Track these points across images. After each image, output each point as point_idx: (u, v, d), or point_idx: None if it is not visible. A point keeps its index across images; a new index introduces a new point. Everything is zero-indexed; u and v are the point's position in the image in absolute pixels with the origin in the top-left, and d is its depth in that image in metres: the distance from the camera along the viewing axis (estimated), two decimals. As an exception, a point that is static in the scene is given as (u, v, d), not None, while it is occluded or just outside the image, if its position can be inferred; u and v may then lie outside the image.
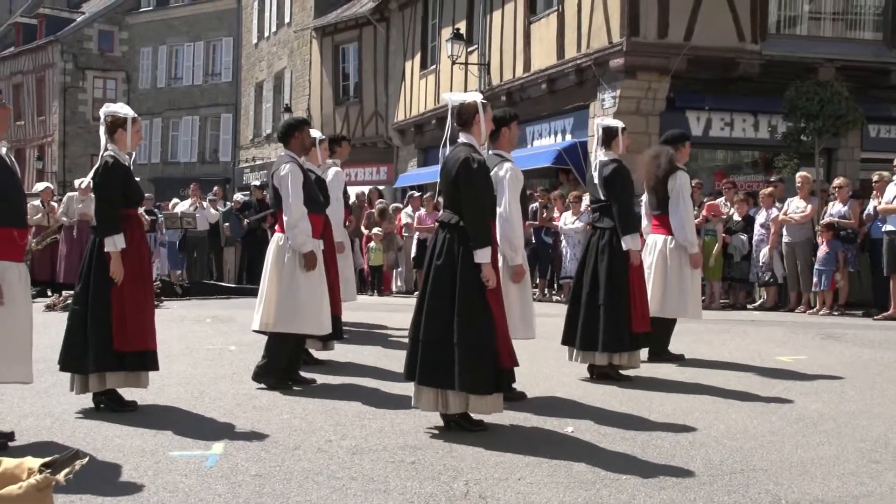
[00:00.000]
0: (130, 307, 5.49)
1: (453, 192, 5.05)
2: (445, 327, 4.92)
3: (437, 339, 4.94)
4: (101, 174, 5.52)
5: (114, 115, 5.64)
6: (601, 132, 6.88)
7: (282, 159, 6.38)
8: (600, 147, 6.85)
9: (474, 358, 4.88)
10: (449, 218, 5.08)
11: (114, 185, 5.51)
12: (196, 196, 16.68)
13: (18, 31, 41.95)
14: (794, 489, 4.16)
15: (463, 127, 5.19)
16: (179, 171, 35.83)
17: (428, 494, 4.01)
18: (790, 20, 15.38)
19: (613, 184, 6.63)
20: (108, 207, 5.52)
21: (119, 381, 5.55)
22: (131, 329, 5.48)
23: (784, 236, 12.00)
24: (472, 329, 4.89)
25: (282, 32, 29.82)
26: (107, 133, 5.63)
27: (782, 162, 14.78)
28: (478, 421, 5.15)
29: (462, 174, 5.00)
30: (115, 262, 5.44)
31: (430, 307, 5.00)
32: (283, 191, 6.19)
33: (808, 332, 9.54)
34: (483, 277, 4.91)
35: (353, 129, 25.62)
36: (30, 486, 2.62)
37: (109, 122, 5.65)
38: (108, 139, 5.62)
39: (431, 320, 4.98)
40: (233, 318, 10.24)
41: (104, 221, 5.53)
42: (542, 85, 16.57)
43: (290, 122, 6.65)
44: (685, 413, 5.67)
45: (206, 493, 4.00)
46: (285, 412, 5.60)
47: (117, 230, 5.47)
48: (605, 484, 4.18)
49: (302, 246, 6.16)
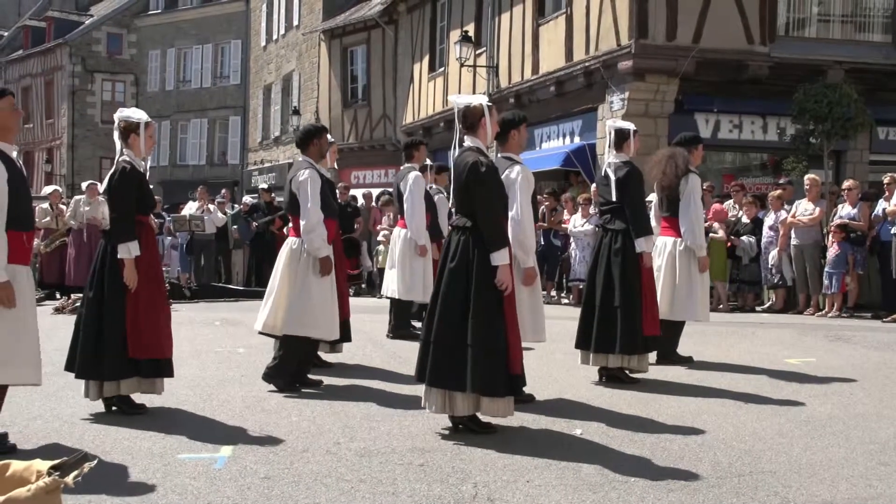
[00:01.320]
0: (144, 314, 5.49)
1: (465, 196, 5.06)
2: (458, 329, 4.92)
3: (449, 341, 4.94)
4: (118, 180, 5.51)
5: (126, 121, 5.63)
6: (613, 134, 6.85)
7: (300, 165, 6.45)
8: (612, 149, 6.83)
9: (488, 360, 4.88)
10: (463, 222, 5.08)
11: (129, 192, 5.51)
12: (203, 199, 16.71)
13: (27, 35, 42.13)
14: (803, 492, 4.15)
15: (469, 129, 5.20)
16: (188, 173, 35.90)
17: (436, 497, 4.01)
18: (799, 22, 15.35)
19: (627, 186, 6.61)
20: (123, 214, 5.51)
21: (133, 387, 5.57)
22: (146, 336, 5.48)
23: (792, 239, 11.97)
24: (486, 331, 4.89)
25: (290, 35, 29.88)
26: (121, 138, 5.63)
27: (791, 164, 14.73)
28: (487, 423, 5.15)
29: (472, 178, 5.00)
30: (129, 270, 5.42)
31: (443, 309, 5.00)
32: (301, 196, 6.24)
33: (817, 335, 9.51)
34: (498, 280, 4.91)
35: (362, 131, 25.65)
36: (38, 488, 2.63)
37: (123, 127, 5.64)
38: (123, 144, 5.62)
39: (444, 322, 4.98)
40: (241, 321, 10.25)
41: (119, 228, 5.50)
42: (551, 87, 16.56)
43: (309, 128, 6.75)
44: (694, 415, 5.66)
45: (214, 495, 4.01)
46: (294, 415, 5.61)
47: (132, 237, 5.45)
48: (613, 486, 4.18)
49: (318, 251, 6.21)
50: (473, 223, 5.02)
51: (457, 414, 5.04)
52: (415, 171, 8.58)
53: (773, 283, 12.31)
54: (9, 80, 42.19)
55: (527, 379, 5.59)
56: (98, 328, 5.46)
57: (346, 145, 24.26)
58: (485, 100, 5.27)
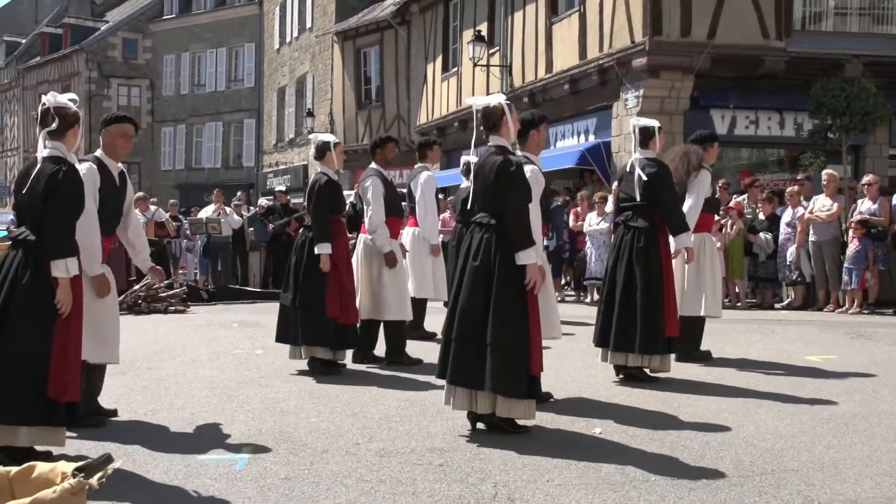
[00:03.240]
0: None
1: (493, 195, 5.01)
2: (479, 327, 4.90)
3: (470, 339, 4.93)
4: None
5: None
6: (638, 132, 6.83)
7: (368, 171, 7.58)
8: (638, 147, 6.81)
9: (508, 359, 4.85)
10: (486, 219, 5.05)
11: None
12: (219, 202, 16.78)
13: (44, 41, 42.43)
14: (826, 490, 4.11)
15: (492, 130, 5.15)
16: (203, 176, 36.07)
17: (456, 496, 4.00)
18: (815, 16, 15.24)
19: (660, 183, 6.59)
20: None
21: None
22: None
23: (810, 235, 11.89)
24: (506, 331, 4.86)
25: (303, 37, 29.96)
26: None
27: (809, 160, 14.65)
28: (523, 425, 5.11)
29: (501, 177, 4.96)
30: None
31: (465, 307, 4.98)
32: (365, 199, 7.43)
33: (838, 332, 9.44)
34: (528, 279, 4.88)
35: (375, 132, 25.65)
36: (64, 489, 2.65)
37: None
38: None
39: (465, 320, 4.97)
40: (259, 323, 10.29)
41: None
42: (565, 86, 16.52)
43: (376, 139, 7.86)
44: (714, 413, 5.62)
45: (235, 496, 4.02)
46: (313, 416, 5.62)
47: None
48: (634, 486, 4.16)
49: (382, 247, 7.35)
50: (498, 221, 5.01)
51: (478, 412, 5.02)
52: (427, 171, 8.64)
53: (792, 280, 12.23)
54: (27, 86, 42.58)
55: (545, 378, 5.56)
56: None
57: (361, 146, 24.28)
58: (502, 98, 5.23)
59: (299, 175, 29.52)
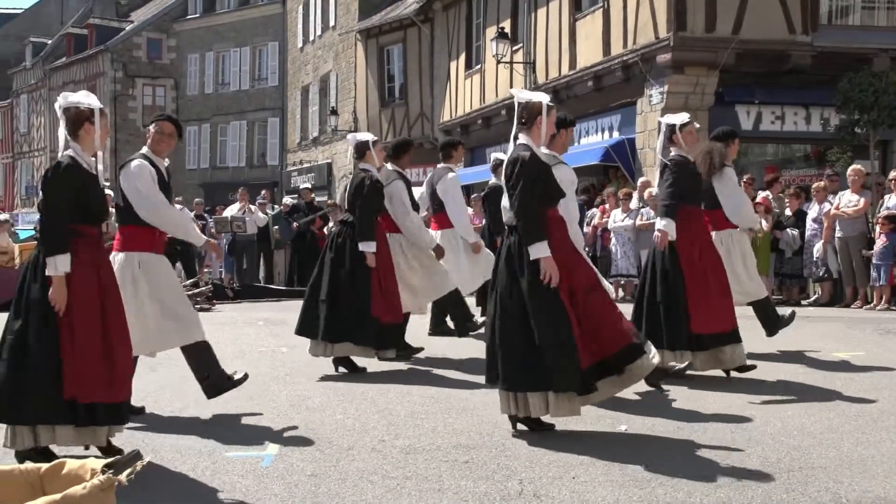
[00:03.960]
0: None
1: (510, 194, 5.01)
2: (522, 329, 4.85)
3: (514, 342, 4.87)
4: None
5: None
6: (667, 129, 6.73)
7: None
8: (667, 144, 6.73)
9: (559, 357, 4.76)
10: (512, 221, 5.04)
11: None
12: (244, 201, 16.88)
13: (70, 42, 42.83)
14: (855, 487, 4.08)
15: (524, 125, 5.13)
16: (228, 175, 36.25)
17: (482, 493, 4.01)
18: (842, 10, 15.09)
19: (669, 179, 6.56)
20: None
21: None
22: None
23: (837, 231, 11.77)
24: (549, 329, 4.79)
25: (326, 36, 30.04)
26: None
27: (835, 155, 14.50)
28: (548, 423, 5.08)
29: (509, 174, 4.99)
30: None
31: (502, 310, 4.95)
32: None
33: (866, 328, 9.35)
34: (543, 272, 4.81)
35: (399, 130, 25.70)
36: (93, 486, 2.68)
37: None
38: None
39: (505, 323, 4.92)
40: (284, 321, 10.32)
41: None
42: (589, 82, 16.48)
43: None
44: (740, 410, 5.59)
45: (262, 492, 4.05)
46: (338, 413, 5.64)
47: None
48: (660, 482, 4.14)
49: (431, 242, 7.86)
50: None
51: (532, 415, 4.95)
52: (452, 172, 8.63)
53: (819, 277, 12.12)
54: (53, 86, 42.97)
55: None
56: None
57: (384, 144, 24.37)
58: (546, 98, 5.17)
59: (323, 173, 29.62)
